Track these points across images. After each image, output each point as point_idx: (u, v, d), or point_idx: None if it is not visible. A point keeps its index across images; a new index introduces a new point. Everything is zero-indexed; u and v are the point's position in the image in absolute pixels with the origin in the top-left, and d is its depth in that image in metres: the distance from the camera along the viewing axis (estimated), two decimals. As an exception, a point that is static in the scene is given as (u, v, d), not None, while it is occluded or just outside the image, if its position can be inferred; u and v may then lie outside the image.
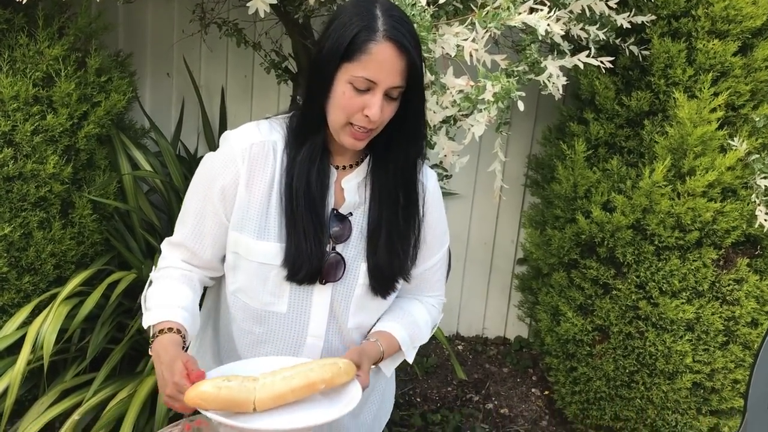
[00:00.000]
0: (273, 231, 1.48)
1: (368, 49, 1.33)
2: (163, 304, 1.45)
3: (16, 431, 2.38)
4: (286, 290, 1.51)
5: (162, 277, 1.53)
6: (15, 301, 2.55)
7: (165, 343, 1.38)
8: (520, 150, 3.49)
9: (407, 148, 1.48)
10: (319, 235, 1.46)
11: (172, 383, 1.31)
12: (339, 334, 1.58)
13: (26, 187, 2.49)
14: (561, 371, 3.01)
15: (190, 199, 1.54)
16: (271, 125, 1.51)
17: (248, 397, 1.29)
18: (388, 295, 1.57)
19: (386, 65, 1.34)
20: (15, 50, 2.50)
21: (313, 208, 1.46)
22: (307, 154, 1.45)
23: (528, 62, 2.02)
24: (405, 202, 1.52)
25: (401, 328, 1.58)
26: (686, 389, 2.74)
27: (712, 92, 2.53)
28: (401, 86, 1.38)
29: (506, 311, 3.74)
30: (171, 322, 1.42)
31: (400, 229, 1.52)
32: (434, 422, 3.12)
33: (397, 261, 1.53)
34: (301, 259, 1.45)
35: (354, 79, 1.35)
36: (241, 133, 1.49)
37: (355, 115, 1.38)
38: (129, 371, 2.60)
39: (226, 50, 3.31)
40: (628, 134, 2.79)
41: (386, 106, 1.39)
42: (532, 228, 3.17)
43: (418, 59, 1.38)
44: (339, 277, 1.52)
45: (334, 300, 1.54)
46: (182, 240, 1.54)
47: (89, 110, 2.65)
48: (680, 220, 2.60)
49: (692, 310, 2.63)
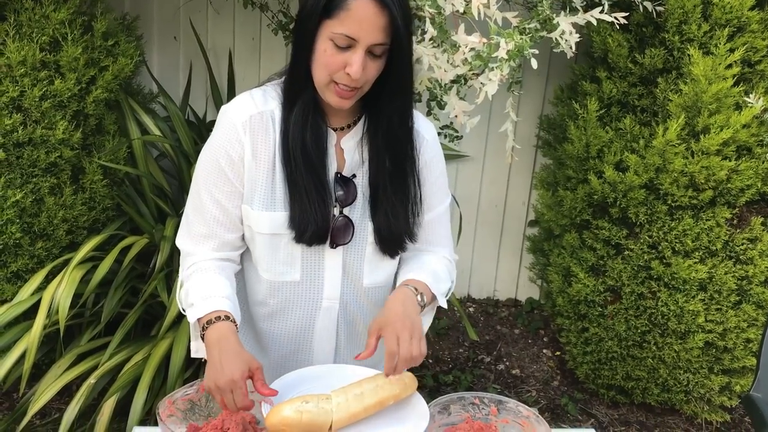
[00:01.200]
0: (279, 200, 1.47)
1: (347, 5, 1.30)
2: (207, 296, 1.44)
3: (35, 394, 2.42)
4: (298, 258, 1.51)
5: (195, 272, 1.50)
6: (29, 266, 2.57)
7: (223, 330, 1.38)
8: (531, 110, 3.45)
9: (395, 104, 1.45)
10: (321, 195, 1.45)
11: (231, 380, 1.31)
12: (355, 294, 1.58)
13: (36, 152, 2.49)
14: (572, 332, 3.02)
15: (204, 187, 1.50)
16: (266, 94, 1.48)
17: (326, 420, 1.31)
18: (396, 255, 1.57)
19: (366, 22, 1.31)
20: (21, 14, 2.47)
21: (312, 169, 1.44)
22: (299, 114, 1.44)
23: (540, 19, 1.99)
24: (399, 160, 1.49)
25: (425, 274, 1.55)
26: (698, 349, 2.74)
27: (727, 48, 2.48)
28: (384, 43, 1.34)
29: (517, 273, 3.74)
30: (219, 311, 1.41)
31: (398, 187, 1.50)
32: (446, 383, 3.14)
33: (399, 220, 1.51)
34: (306, 220, 1.44)
35: (334, 36, 1.33)
36: (238, 106, 1.47)
37: (337, 73, 1.35)
38: (143, 335, 2.63)
39: (233, 12, 3.27)
40: (641, 92, 2.75)
41: (370, 64, 1.36)
42: (543, 189, 3.15)
43: (401, 16, 1.33)
44: (348, 239, 1.52)
45: (346, 262, 1.54)
46: (208, 231, 1.51)
47: (97, 75, 2.63)
48: (694, 179, 2.57)
49: (705, 269, 2.62)
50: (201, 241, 1.53)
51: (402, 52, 1.38)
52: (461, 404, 1.47)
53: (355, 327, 1.63)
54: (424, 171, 1.56)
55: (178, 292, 1.54)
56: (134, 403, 2.30)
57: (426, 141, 1.56)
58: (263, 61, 3.35)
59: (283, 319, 1.59)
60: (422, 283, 1.52)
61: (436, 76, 1.78)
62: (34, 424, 2.65)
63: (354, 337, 1.64)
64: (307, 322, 1.59)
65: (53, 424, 2.62)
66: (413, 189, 1.53)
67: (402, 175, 1.50)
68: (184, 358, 2.34)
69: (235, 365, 1.32)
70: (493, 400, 1.47)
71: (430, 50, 1.73)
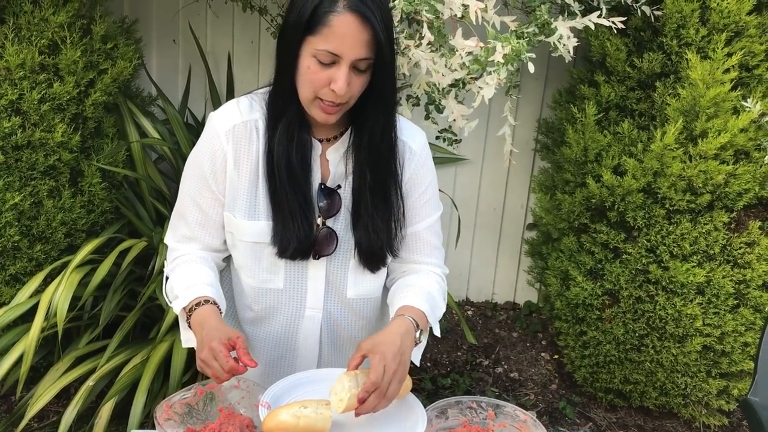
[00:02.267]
0: (262, 210, 1.48)
1: (329, 21, 1.29)
2: (189, 285, 1.45)
3: (32, 397, 2.42)
4: (281, 267, 1.52)
5: (178, 265, 1.52)
6: (27, 269, 2.57)
7: (204, 313, 1.39)
8: (530, 114, 3.45)
9: (376, 118, 1.43)
10: (304, 211, 1.45)
11: (209, 348, 1.31)
12: (339, 304, 1.58)
13: (35, 155, 2.49)
14: (570, 335, 3.02)
15: (187, 192, 1.52)
16: (252, 103, 1.48)
17: (324, 426, 1.31)
18: (377, 269, 1.55)
19: (348, 38, 1.30)
20: (20, 17, 2.48)
21: (296, 185, 1.44)
22: (283, 130, 1.43)
23: (538, 23, 1.99)
24: (380, 174, 1.48)
25: (422, 301, 1.52)
26: (696, 352, 2.74)
27: (725, 52, 2.49)
28: (368, 58, 1.33)
29: (516, 276, 3.74)
30: (200, 296, 1.43)
31: (380, 203, 1.49)
32: (444, 386, 3.14)
33: (380, 235, 1.49)
34: (288, 237, 1.45)
35: (317, 52, 1.32)
36: (223, 115, 1.47)
37: (322, 90, 1.35)
38: (142, 338, 2.63)
39: (232, 16, 3.28)
40: (639, 96, 2.75)
41: (354, 79, 1.35)
42: (542, 193, 3.16)
43: (384, 30, 1.32)
44: (332, 251, 1.51)
45: (329, 273, 1.54)
46: (191, 234, 1.53)
47: (96, 78, 2.64)
48: (692, 183, 2.57)
49: (703, 273, 2.62)
50: (185, 242, 1.55)
51: (384, 67, 1.36)
52: (459, 408, 1.47)
53: (339, 335, 1.62)
54: (410, 183, 1.54)
55: (164, 288, 1.55)
56: (133, 407, 2.30)
57: (413, 152, 1.54)
58: (262, 64, 3.36)
59: (267, 325, 1.60)
60: (420, 312, 1.48)
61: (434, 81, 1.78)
62: (32, 427, 2.64)
63: (338, 345, 1.64)
64: (291, 330, 1.59)
65: (51, 427, 2.62)
66: (396, 204, 1.51)
67: (384, 190, 1.49)
68: (183, 361, 2.35)
69: (214, 337, 1.33)
70: (491, 404, 1.47)
71: (428, 54, 1.73)
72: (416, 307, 1.48)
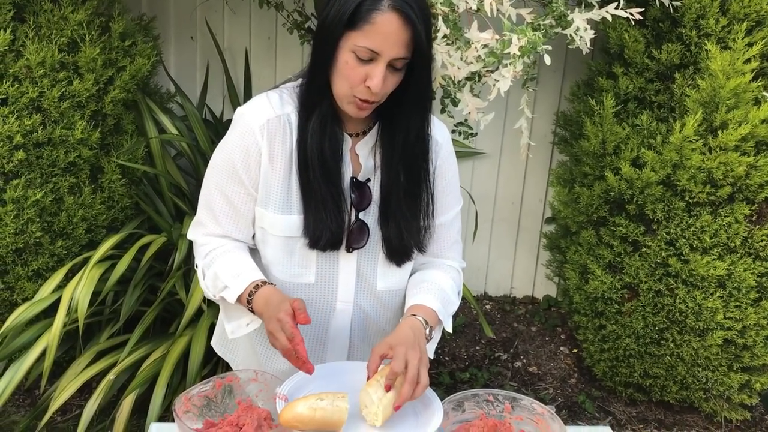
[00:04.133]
0: (295, 204, 1.48)
1: (372, 18, 1.30)
2: (238, 273, 1.46)
3: (55, 391, 2.45)
4: (313, 260, 1.52)
5: (217, 257, 1.51)
6: (49, 265, 2.60)
7: (266, 293, 1.41)
8: (547, 107, 3.43)
9: (411, 117, 1.44)
10: (337, 203, 1.46)
11: (276, 319, 1.33)
12: (369, 297, 1.59)
13: (56, 152, 2.52)
14: (590, 329, 3.00)
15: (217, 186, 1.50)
16: (282, 97, 1.48)
17: (341, 418, 1.31)
18: (403, 264, 1.56)
19: (390, 36, 1.30)
20: (40, 16, 2.50)
21: (328, 177, 1.45)
22: (317, 124, 1.43)
23: (554, 15, 1.98)
24: (414, 174, 1.49)
25: (433, 299, 1.53)
26: (717, 346, 2.71)
27: (746, 43, 2.46)
28: (405, 57, 1.34)
29: (534, 270, 3.73)
30: (255, 281, 1.44)
31: (412, 201, 1.50)
32: (463, 380, 3.14)
33: (411, 232, 1.51)
34: (321, 228, 1.45)
35: (357, 48, 1.32)
36: (255, 109, 1.47)
37: (357, 87, 1.35)
38: (162, 332, 2.65)
39: (249, 12, 3.29)
40: (658, 88, 2.73)
41: (389, 77, 1.36)
42: (560, 186, 3.14)
43: (424, 31, 1.33)
44: (363, 243, 1.52)
45: (360, 265, 1.55)
46: (221, 231, 1.53)
47: (115, 75, 2.66)
48: (712, 175, 2.55)
49: (724, 266, 2.60)
50: (214, 237, 1.54)
51: (423, 68, 1.38)
52: (475, 401, 1.46)
53: (368, 328, 1.63)
54: (435, 175, 1.56)
55: (202, 281, 1.54)
56: (153, 400, 2.32)
57: (439, 145, 1.56)
58: (279, 59, 3.37)
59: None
60: (431, 310, 1.50)
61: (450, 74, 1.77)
62: (55, 420, 2.68)
63: (367, 338, 1.64)
64: (321, 324, 1.59)
65: (74, 421, 2.66)
66: (426, 202, 1.53)
67: (416, 189, 1.50)
68: (202, 355, 2.37)
69: (280, 308, 1.35)
70: (508, 397, 1.47)
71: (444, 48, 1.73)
72: (427, 305, 1.50)
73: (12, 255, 2.54)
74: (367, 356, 1.63)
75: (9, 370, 2.38)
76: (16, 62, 2.45)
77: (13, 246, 2.50)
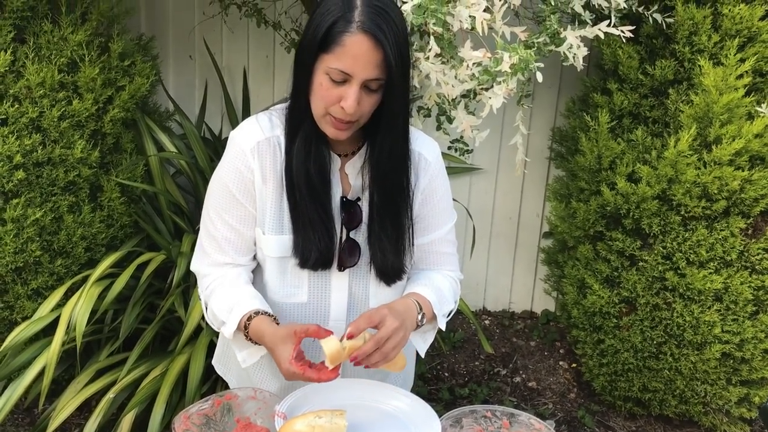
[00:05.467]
0: (287, 224, 1.50)
1: (342, 41, 1.31)
2: (231, 308, 1.48)
3: (55, 409, 2.45)
4: (305, 280, 1.54)
5: (214, 290, 1.53)
6: (48, 283, 2.61)
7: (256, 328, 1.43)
8: (543, 123, 3.46)
9: (385, 135, 1.45)
10: (324, 222, 1.47)
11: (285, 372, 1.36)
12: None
13: (55, 172, 2.54)
14: (588, 344, 3.01)
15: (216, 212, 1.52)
16: (271, 120, 1.50)
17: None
18: (393, 283, 1.57)
19: (361, 58, 1.32)
20: (40, 37, 2.53)
21: (315, 197, 1.46)
22: (301, 144, 1.45)
23: (548, 33, 2.00)
24: (388, 194, 1.50)
25: (430, 291, 1.55)
26: (715, 360, 2.72)
27: (738, 58, 2.48)
28: (379, 78, 1.35)
29: (532, 285, 3.74)
30: (246, 313, 1.45)
31: (389, 222, 1.51)
32: (462, 396, 3.14)
33: (386, 253, 1.51)
34: (309, 247, 1.47)
35: (330, 70, 1.34)
36: (246, 132, 1.49)
37: (332, 107, 1.37)
38: (161, 350, 2.66)
39: (247, 31, 3.32)
40: (652, 104, 2.75)
41: (365, 98, 1.37)
42: (557, 201, 3.16)
43: (396, 52, 1.33)
44: (355, 262, 1.54)
45: (352, 284, 1.56)
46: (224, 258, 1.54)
47: (114, 95, 2.68)
48: (707, 190, 2.57)
49: (720, 280, 2.61)
50: (217, 267, 1.56)
51: (394, 89, 1.37)
52: (473, 417, 1.47)
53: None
54: (426, 192, 1.57)
55: (206, 315, 1.56)
56: (152, 418, 2.32)
57: (428, 162, 1.56)
58: (277, 78, 3.40)
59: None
60: (426, 300, 1.52)
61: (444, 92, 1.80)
62: (54, 439, 2.68)
63: None
64: (315, 343, 1.60)
65: (73, 440, 2.66)
66: (405, 223, 1.53)
67: (391, 210, 1.51)
68: (201, 373, 2.37)
69: (280, 357, 1.37)
70: (506, 413, 1.48)
71: (438, 66, 1.75)
72: (422, 294, 1.53)
73: (12, 274, 2.55)
74: (360, 374, 1.65)
75: (8, 389, 2.38)
76: (16, 83, 2.47)
77: (13, 265, 2.52)
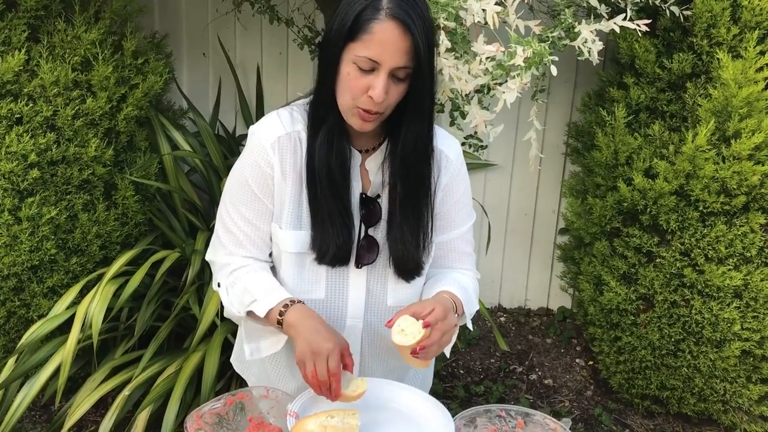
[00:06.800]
0: (306, 220, 1.49)
1: (370, 28, 1.30)
2: (270, 289, 1.46)
3: (71, 406, 2.46)
4: (323, 276, 1.53)
5: (243, 275, 1.51)
6: (64, 281, 2.62)
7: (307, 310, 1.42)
8: (559, 118, 3.42)
9: (411, 130, 1.43)
10: (343, 218, 1.46)
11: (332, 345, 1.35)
12: (378, 313, 1.58)
13: (70, 170, 2.54)
14: (605, 341, 2.98)
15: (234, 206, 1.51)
16: (292, 115, 1.50)
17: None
18: (413, 279, 1.56)
19: (389, 45, 1.31)
20: (53, 36, 2.54)
21: (335, 192, 1.45)
22: (324, 138, 1.44)
23: (563, 27, 1.98)
24: (411, 187, 1.48)
25: (458, 289, 1.54)
26: (735, 357, 2.68)
27: (758, 51, 2.44)
28: (407, 66, 1.34)
29: (548, 282, 3.71)
30: (288, 298, 1.44)
31: (409, 215, 1.49)
32: (477, 393, 3.12)
33: (408, 246, 1.50)
34: (327, 243, 1.46)
35: (357, 59, 1.33)
36: (266, 127, 1.48)
37: (360, 97, 1.36)
38: (176, 348, 2.66)
39: (260, 28, 3.31)
40: (669, 98, 2.71)
41: (392, 87, 1.35)
42: (573, 197, 3.13)
43: (424, 39, 1.32)
44: (373, 259, 1.53)
45: (370, 281, 1.55)
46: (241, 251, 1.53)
47: (127, 93, 2.69)
48: (725, 185, 2.53)
49: (740, 276, 2.57)
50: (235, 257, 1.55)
51: (422, 77, 1.37)
52: (487, 417, 1.46)
53: (378, 345, 1.63)
54: (446, 190, 1.56)
55: (225, 298, 1.53)
56: (167, 416, 2.33)
57: (449, 160, 1.55)
58: (291, 75, 3.39)
59: None
60: (458, 299, 1.51)
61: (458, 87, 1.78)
62: (70, 436, 2.69)
63: (377, 354, 1.64)
64: None
65: (89, 437, 2.67)
66: (425, 217, 1.52)
67: (414, 201, 1.49)
68: (216, 370, 2.37)
69: (334, 335, 1.37)
70: (520, 413, 1.46)
71: (451, 61, 1.73)
72: (453, 292, 1.51)
73: (27, 272, 2.56)
74: (377, 373, 1.63)
75: (24, 386, 2.40)
76: (30, 82, 2.48)
77: (29, 263, 2.53)
